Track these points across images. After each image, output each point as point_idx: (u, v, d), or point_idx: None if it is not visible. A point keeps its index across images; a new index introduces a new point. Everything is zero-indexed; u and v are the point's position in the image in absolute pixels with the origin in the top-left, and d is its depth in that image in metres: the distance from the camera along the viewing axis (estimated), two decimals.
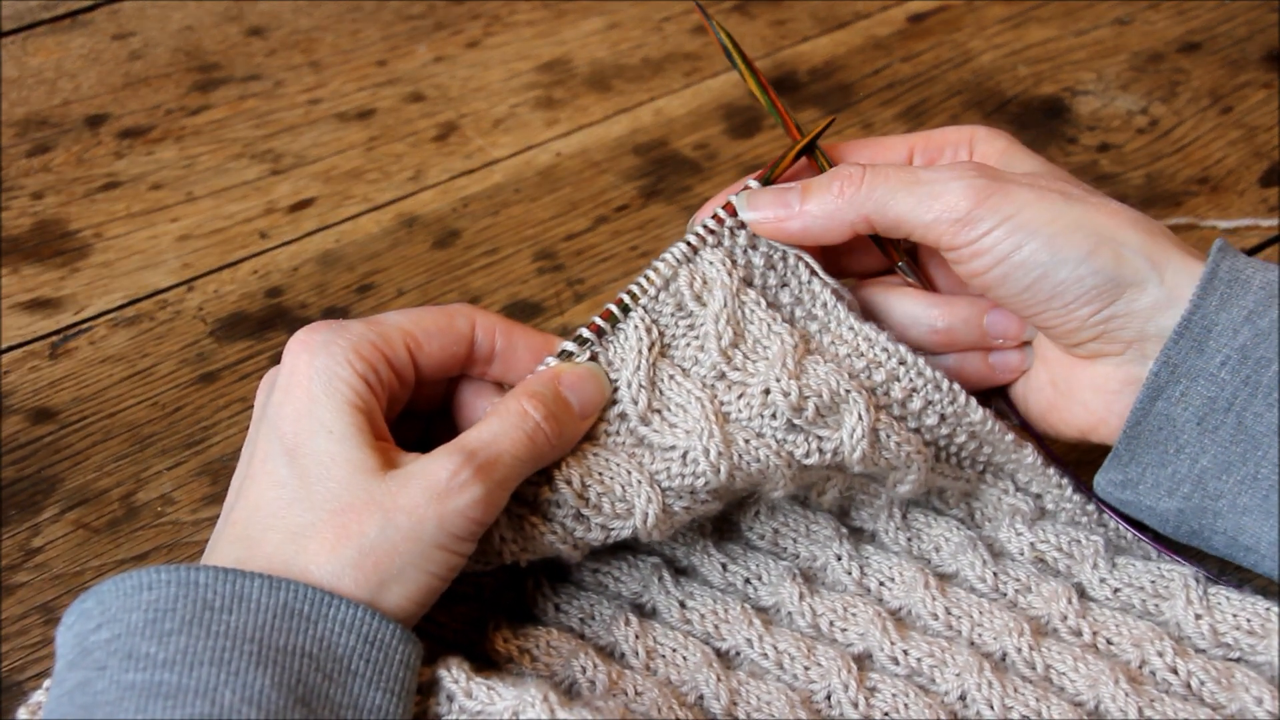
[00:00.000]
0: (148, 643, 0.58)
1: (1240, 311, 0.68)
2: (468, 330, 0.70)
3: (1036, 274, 0.69)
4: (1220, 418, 0.69)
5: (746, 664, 0.71)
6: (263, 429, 0.65)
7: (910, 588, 0.73)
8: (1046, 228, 0.69)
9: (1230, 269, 0.69)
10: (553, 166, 1.03)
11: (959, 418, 0.72)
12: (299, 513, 0.63)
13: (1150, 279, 0.69)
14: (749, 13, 1.16)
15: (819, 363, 0.70)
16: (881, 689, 0.68)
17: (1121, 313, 0.70)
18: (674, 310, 0.72)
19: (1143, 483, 0.71)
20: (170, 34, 1.14)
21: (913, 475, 0.73)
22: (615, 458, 0.69)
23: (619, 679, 0.68)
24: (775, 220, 0.73)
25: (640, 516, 0.68)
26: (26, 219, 0.99)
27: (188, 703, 0.56)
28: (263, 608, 0.59)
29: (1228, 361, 0.68)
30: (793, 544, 0.76)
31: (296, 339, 0.67)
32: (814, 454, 0.70)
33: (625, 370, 0.70)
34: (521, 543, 0.68)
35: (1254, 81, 1.09)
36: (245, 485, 0.65)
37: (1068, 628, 0.71)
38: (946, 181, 0.70)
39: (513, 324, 0.71)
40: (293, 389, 0.65)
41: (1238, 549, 0.71)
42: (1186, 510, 0.71)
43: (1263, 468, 0.68)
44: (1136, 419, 0.70)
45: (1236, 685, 0.68)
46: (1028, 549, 0.75)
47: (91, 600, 0.61)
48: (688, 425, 0.69)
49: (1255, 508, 0.69)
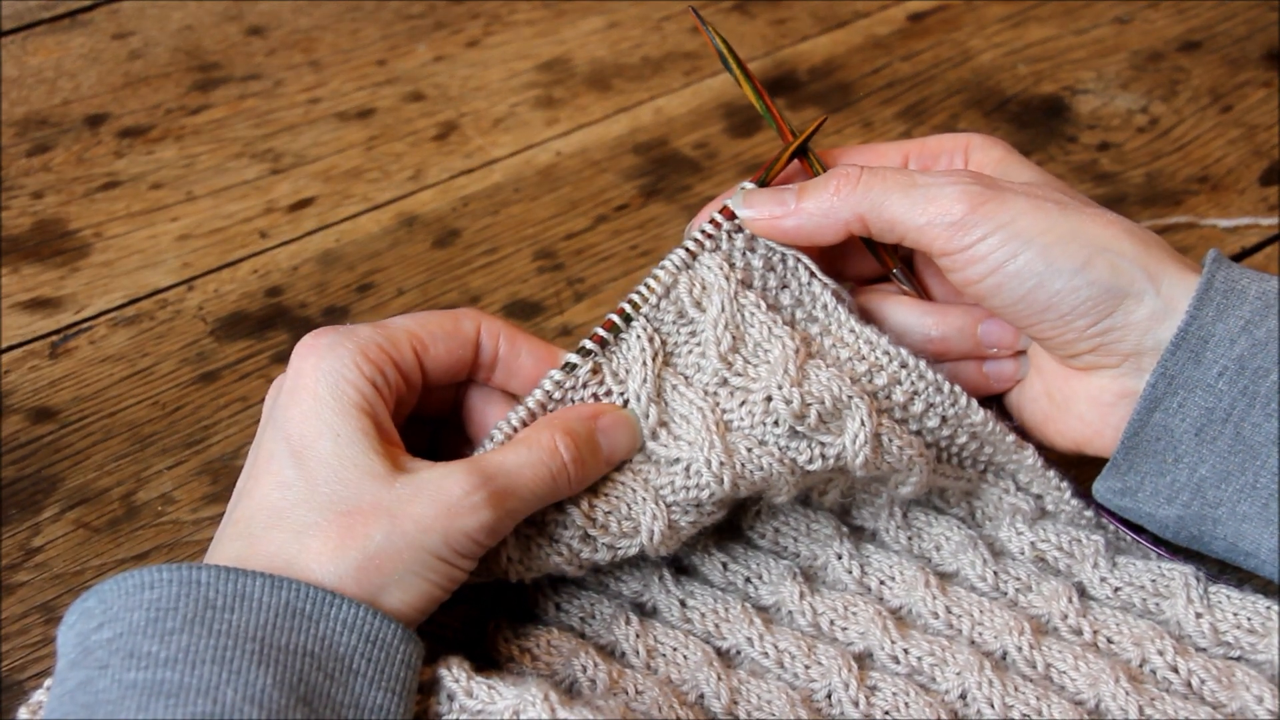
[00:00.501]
0: (150, 641, 0.58)
1: (1237, 322, 0.68)
2: (473, 334, 0.70)
3: (1031, 284, 0.69)
4: (1218, 428, 0.69)
5: (747, 663, 0.71)
6: (269, 430, 0.65)
7: (911, 586, 0.73)
8: (1041, 237, 0.69)
9: (1226, 279, 0.69)
10: (552, 166, 1.03)
11: (960, 419, 0.72)
12: (303, 513, 0.63)
13: (1146, 290, 0.69)
14: (749, 12, 1.16)
15: (821, 368, 0.70)
16: (882, 688, 0.68)
17: (1119, 325, 0.70)
18: (675, 318, 0.72)
19: (1141, 491, 0.71)
20: (170, 33, 1.14)
21: (914, 477, 0.73)
22: (621, 476, 0.69)
23: (619, 678, 0.68)
24: (770, 218, 0.72)
25: (646, 534, 0.68)
26: (26, 218, 0.99)
27: (190, 701, 0.56)
28: (264, 606, 0.59)
29: (1225, 372, 0.68)
30: (793, 543, 0.76)
31: (303, 343, 0.67)
32: (817, 460, 0.70)
33: (632, 383, 0.70)
34: (527, 562, 0.68)
35: (1254, 80, 1.09)
36: (249, 485, 0.65)
37: (1068, 627, 0.71)
38: (942, 186, 0.70)
39: (517, 330, 0.71)
40: (299, 391, 0.65)
41: (1238, 554, 0.71)
42: (1186, 517, 0.71)
43: (1261, 476, 0.68)
44: (1134, 430, 0.70)
45: (1237, 684, 0.68)
46: (1028, 548, 0.75)
47: (93, 599, 0.61)
48: (690, 436, 0.69)
49: (1254, 515, 0.69)
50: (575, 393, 0.70)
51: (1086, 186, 1.01)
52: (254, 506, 0.64)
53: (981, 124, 1.06)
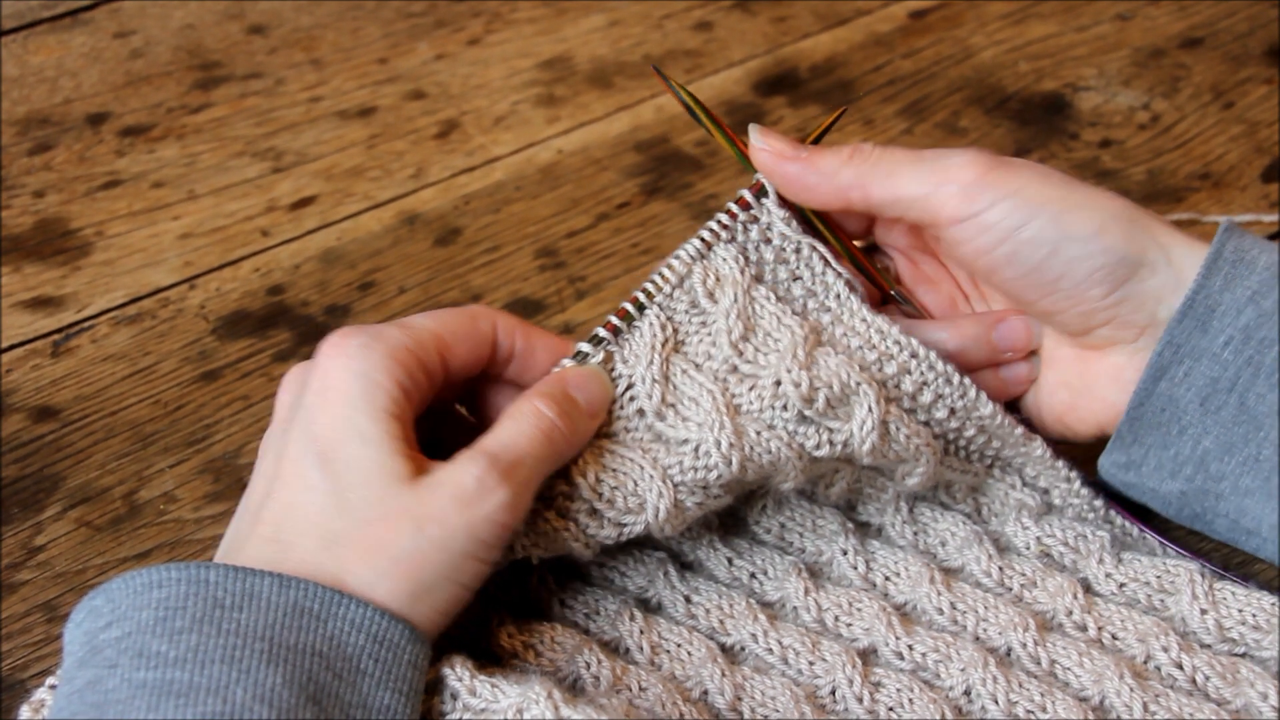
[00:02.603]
0: (158, 641, 0.58)
1: (1245, 292, 0.68)
2: (490, 332, 0.70)
3: (1045, 251, 0.69)
4: (1223, 398, 0.69)
5: (751, 659, 0.71)
6: (294, 431, 0.65)
7: (916, 582, 0.73)
8: (1053, 204, 0.69)
9: (1236, 249, 0.69)
10: (554, 164, 1.03)
11: (969, 411, 0.72)
12: (332, 519, 0.62)
13: (1159, 259, 0.69)
14: (750, 10, 1.16)
15: (830, 354, 0.70)
16: (886, 684, 0.68)
17: (1133, 294, 0.69)
18: (688, 307, 0.72)
19: (1145, 464, 0.71)
20: (171, 32, 1.14)
21: (921, 468, 0.73)
22: (630, 453, 0.69)
23: (623, 675, 0.68)
24: (778, 154, 0.72)
25: (652, 511, 0.68)
26: (28, 217, 0.99)
27: (200, 700, 0.56)
28: (273, 606, 0.59)
29: (1231, 341, 0.68)
30: (799, 538, 0.76)
31: (332, 343, 0.66)
32: (824, 446, 0.70)
33: (639, 366, 0.70)
34: (534, 538, 0.68)
35: (1255, 77, 1.09)
36: (275, 487, 0.64)
37: (1073, 623, 0.71)
38: (950, 155, 0.70)
39: (531, 327, 0.71)
40: (328, 393, 0.64)
41: (1239, 532, 0.70)
42: (1189, 492, 0.70)
43: (1264, 449, 0.68)
44: (1140, 399, 0.70)
45: (1242, 681, 0.67)
46: (1034, 543, 0.75)
47: (101, 598, 0.60)
48: (699, 418, 0.69)
49: (1257, 490, 0.69)
50: None
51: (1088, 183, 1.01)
52: (282, 508, 0.64)
53: (983, 121, 1.06)
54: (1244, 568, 0.75)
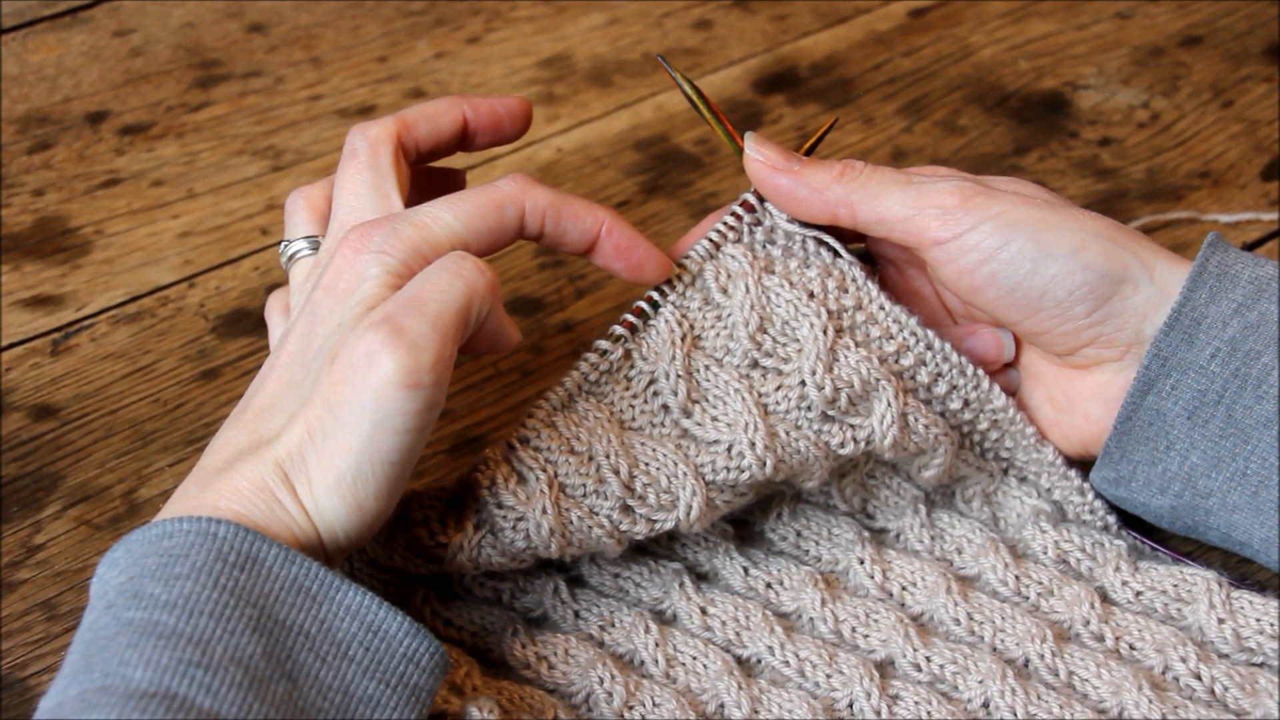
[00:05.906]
0: (154, 584, 0.59)
1: (1230, 304, 0.69)
2: (516, 223, 0.69)
3: (1026, 269, 0.70)
4: (1210, 411, 0.69)
5: (768, 672, 0.70)
6: (315, 364, 0.64)
7: (933, 592, 0.72)
8: (1032, 225, 0.70)
9: (1220, 263, 0.70)
10: (554, 162, 1.03)
11: (982, 403, 0.73)
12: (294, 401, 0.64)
13: (1141, 276, 0.70)
14: (749, 8, 1.16)
15: (850, 349, 0.71)
16: (904, 696, 0.68)
17: (1117, 312, 0.70)
18: (701, 304, 0.73)
19: (1134, 480, 0.72)
20: (171, 31, 1.14)
21: (939, 459, 0.73)
22: (662, 449, 0.69)
23: (636, 689, 0.68)
24: (771, 165, 0.73)
25: (684, 509, 0.69)
26: (27, 216, 0.99)
27: (179, 647, 0.57)
28: (273, 576, 0.60)
29: (1217, 354, 0.69)
30: (815, 546, 0.76)
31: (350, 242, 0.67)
32: (849, 444, 0.71)
33: (661, 362, 0.71)
34: (568, 535, 0.68)
35: (1255, 75, 1.09)
36: (269, 376, 0.66)
37: (1090, 633, 0.70)
38: (936, 182, 0.72)
39: (562, 205, 0.69)
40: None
41: (1232, 544, 0.71)
42: (1179, 508, 0.71)
43: (1251, 463, 0.68)
44: (1127, 414, 0.71)
45: (1260, 691, 0.67)
46: (1051, 547, 0.74)
47: (120, 549, 0.62)
48: (729, 418, 0.70)
49: (1244, 505, 0.69)
50: (607, 377, 0.71)
51: (1088, 182, 1.01)
52: (269, 397, 0.65)
53: (982, 120, 1.06)
54: (1243, 567, 0.75)
